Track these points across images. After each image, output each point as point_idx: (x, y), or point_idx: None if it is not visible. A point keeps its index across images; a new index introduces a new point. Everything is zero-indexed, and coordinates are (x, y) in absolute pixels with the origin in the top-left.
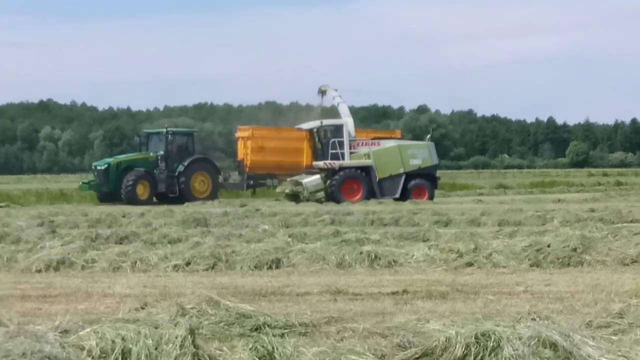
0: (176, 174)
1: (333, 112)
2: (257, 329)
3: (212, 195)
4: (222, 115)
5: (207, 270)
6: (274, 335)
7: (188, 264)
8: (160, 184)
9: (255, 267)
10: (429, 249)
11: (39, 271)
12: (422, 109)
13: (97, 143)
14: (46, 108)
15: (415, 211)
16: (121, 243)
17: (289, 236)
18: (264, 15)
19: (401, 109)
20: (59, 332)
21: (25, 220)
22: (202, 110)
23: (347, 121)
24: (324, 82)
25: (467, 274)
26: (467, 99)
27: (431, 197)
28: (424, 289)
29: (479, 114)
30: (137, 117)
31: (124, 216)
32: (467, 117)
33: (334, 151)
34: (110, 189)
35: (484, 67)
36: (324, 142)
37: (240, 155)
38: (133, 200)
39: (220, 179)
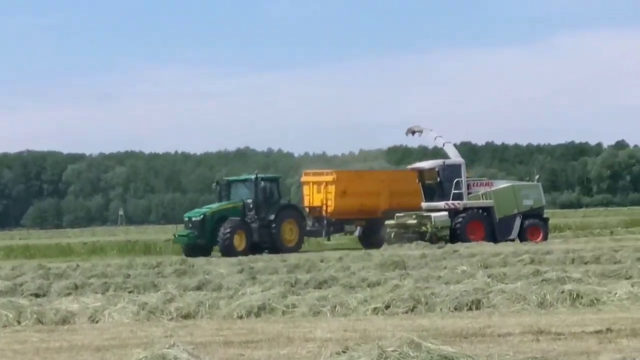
0: (267, 222)
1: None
2: None
3: (299, 244)
4: (417, 157)
5: (406, 312)
6: None
7: (388, 307)
8: (254, 233)
9: (455, 309)
10: (632, 286)
11: (241, 317)
12: (621, 145)
13: (293, 189)
14: (243, 156)
15: (616, 248)
16: (320, 288)
17: (489, 276)
18: (455, 57)
19: (599, 145)
20: None
21: (226, 268)
22: (397, 153)
23: (462, 161)
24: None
25: None
26: None
27: (545, 238)
28: (629, 327)
29: None
30: (333, 162)
31: (322, 261)
32: None
33: (456, 191)
34: (207, 241)
35: None
36: (444, 182)
37: (311, 201)
38: (230, 251)
39: None
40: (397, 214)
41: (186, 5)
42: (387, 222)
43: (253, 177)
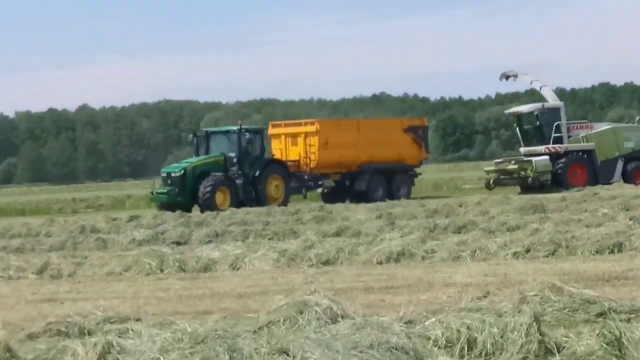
0: (251, 179)
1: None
2: (602, 314)
3: (285, 203)
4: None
5: (547, 256)
6: (620, 321)
7: (528, 251)
8: (240, 190)
9: (597, 252)
10: None
11: (380, 263)
12: None
13: (430, 133)
14: (379, 101)
15: None
16: (459, 232)
17: (630, 219)
18: None
19: None
20: (404, 323)
21: (364, 214)
22: (535, 96)
23: (562, 104)
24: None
25: None
26: None
27: None
28: None
29: None
30: (469, 105)
31: (460, 205)
32: None
33: (557, 135)
34: (187, 199)
35: None
36: (544, 125)
37: (286, 155)
38: (211, 210)
39: None
40: (496, 160)
41: None
42: (487, 168)
43: (236, 128)
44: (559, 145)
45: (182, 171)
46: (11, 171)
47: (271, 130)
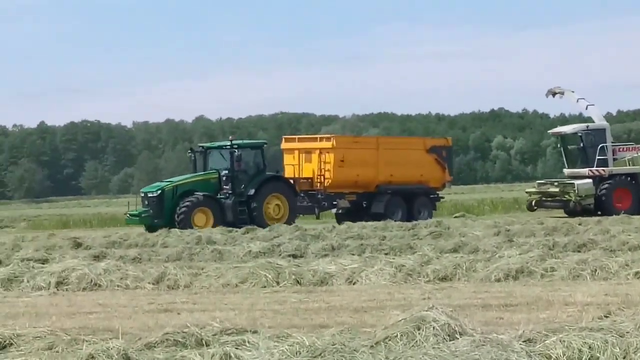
0: (245, 198)
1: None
2: None
3: (289, 222)
4: None
5: None
6: None
7: None
8: (227, 211)
9: None
10: None
11: (498, 280)
12: None
13: (549, 151)
14: (497, 117)
15: None
16: (579, 251)
17: None
18: None
19: None
20: (523, 341)
21: (482, 230)
22: None
23: (607, 125)
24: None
25: None
26: None
27: None
28: None
29: None
30: (589, 121)
31: (580, 224)
32: None
33: (601, 157)
34: (165, 222)
35: None
36: (588, 147)
37: (299, 172)
38: None
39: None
40: (539, 181)
41: None
42: (528, 189)
43: (228, 144)
44: (602, 168)
45: (159, 191)
46: (128, 181)
47: (284, 145)
